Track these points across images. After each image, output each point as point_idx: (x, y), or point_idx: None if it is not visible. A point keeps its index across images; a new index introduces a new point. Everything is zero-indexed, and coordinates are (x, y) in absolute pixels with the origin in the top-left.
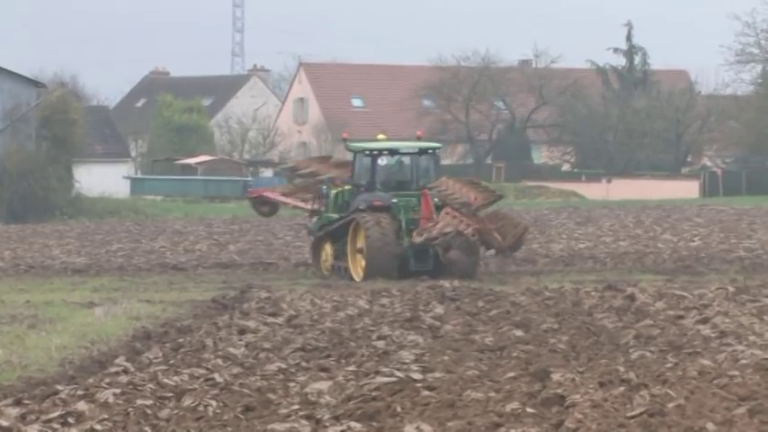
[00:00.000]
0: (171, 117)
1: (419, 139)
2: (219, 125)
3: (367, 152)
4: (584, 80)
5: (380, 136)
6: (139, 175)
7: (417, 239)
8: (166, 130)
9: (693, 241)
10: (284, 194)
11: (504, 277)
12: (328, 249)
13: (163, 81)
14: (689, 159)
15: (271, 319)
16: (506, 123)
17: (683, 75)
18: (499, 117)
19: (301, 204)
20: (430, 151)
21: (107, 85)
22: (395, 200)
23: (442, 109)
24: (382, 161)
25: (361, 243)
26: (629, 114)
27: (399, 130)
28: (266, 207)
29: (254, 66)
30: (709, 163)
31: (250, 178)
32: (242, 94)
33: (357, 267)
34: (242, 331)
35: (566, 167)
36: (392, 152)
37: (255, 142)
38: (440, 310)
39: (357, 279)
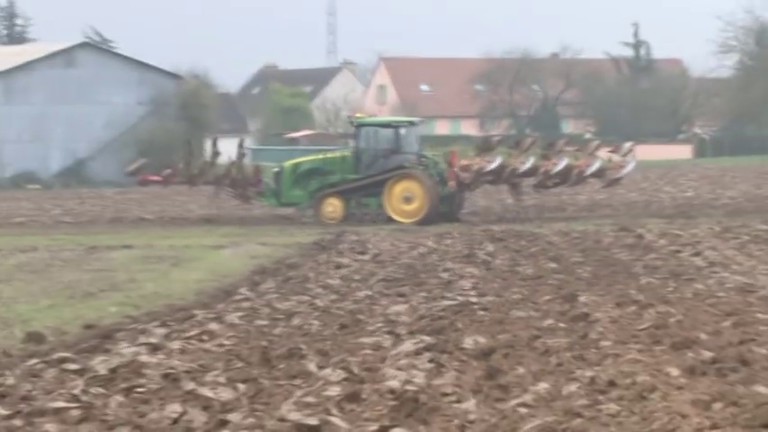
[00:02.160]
0: (280, 101)
1: (360, 117)
2: (318, 106)
3: (394, 124)
4: (602, 67)
5: (359, 114)
6: (256, 146)
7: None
8: (276, 110)
9: (688, 192)
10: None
11: (540, 222)
12: (337, 203)
13: (273, 73)
14: (683, 128)
15: (360, 257)
16: (541, 102)
17: (678, 62)
18: (535, 97)
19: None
20: (421, 123)
21: (231, 76)
22: (423, 159)
23: (490, 92)
24: (402, 131)
25: (407, 192)
26: (637, 94)
27: (458, 109)
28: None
29: (345, 60)
30: (699, 131)
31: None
32: (335, 82)
33: (398, 212)
34: (337, 266)
35: (588, 135)
36: (411, 123)
37: (346, 120)
38: (491, 248)
39: (403, 221)
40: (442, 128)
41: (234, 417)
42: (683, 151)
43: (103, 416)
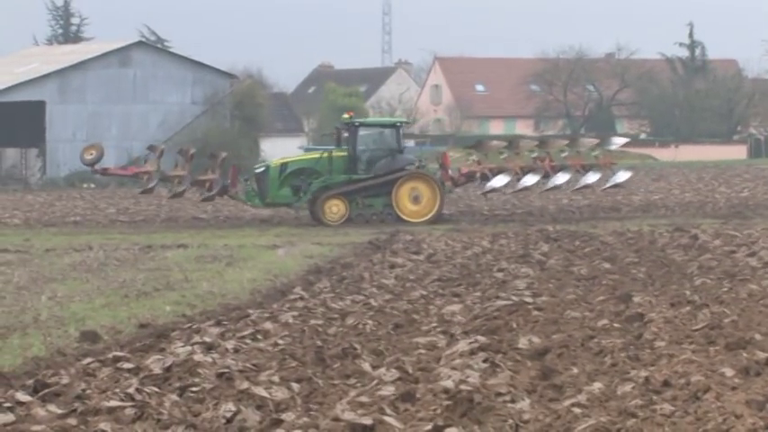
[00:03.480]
0: (335, 100)
1: (350, 117)
2: (373, 106)
3: (399, 124)
4: (656, 68)
5: (345, 116)
6: (311, 146)
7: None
8: (331, 110)
9: (743, 192)
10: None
11: (595, 222)
12: (340, 204)
13: (328, 72)
14: (739, 129)
15: (414, 257)
16: (596, 102)
17: (734, 63)
18: (590, 97)
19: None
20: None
21: (285, 76)
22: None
23: (545, 92)
24: (402, 131)
25: (415, 192)
26: (692, 94)
27: (513, 109)
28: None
29: (399, 59)
30: (754, 131)
31: None
32: (390, 81)
33: (405, 211)
34: (392, 266)
35: (642, 136)
36: (407, 124)
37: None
38: (545, 248)
39: (411, 220)
40: (496, 128)
41: (288, 416)
42: (737, 152)
43: (158, 415)
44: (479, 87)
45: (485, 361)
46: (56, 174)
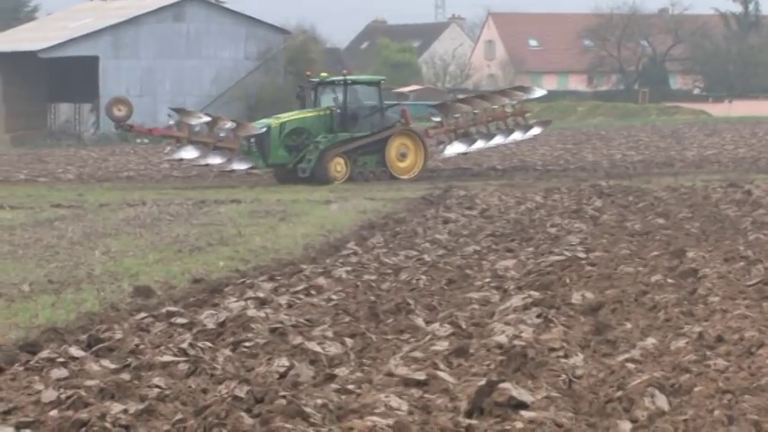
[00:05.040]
0: (388, 56)
1: (329, 76)
2: (426, 61)
3: (383, 81)
4: (710, 23)
5: (323, 74)
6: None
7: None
8: (385, 66)
9: None
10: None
11: (648, 178)
12: (343, 163)
13: (382, 28)
14: None
15: (467, 212)
16: (649, 58)
17: None
18: (644, 53)
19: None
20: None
21: (339, 32)
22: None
23: (599, 47)
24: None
25: (403, 148)
26: (745, 49)
27: (566, 64)
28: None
29: (453, 15)
30: None
31: None
32: (443, 37)
33: (394, 168)
34: (445, 221)
35: (696, 91)
36: (385, 81)
37: (454, 74)
38: (599, 203)
39: (400, 177)
40: (549, 83)
41: (341, 371)
42: None
43: (211, 370)
44: (533, 42)
45: (538, 316)
46: (109, 129)
